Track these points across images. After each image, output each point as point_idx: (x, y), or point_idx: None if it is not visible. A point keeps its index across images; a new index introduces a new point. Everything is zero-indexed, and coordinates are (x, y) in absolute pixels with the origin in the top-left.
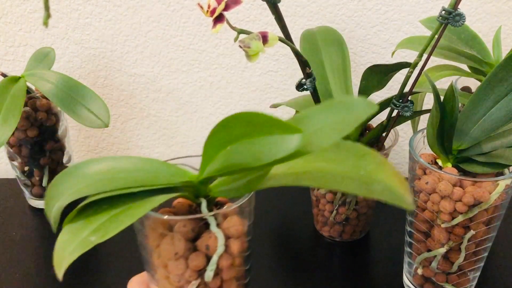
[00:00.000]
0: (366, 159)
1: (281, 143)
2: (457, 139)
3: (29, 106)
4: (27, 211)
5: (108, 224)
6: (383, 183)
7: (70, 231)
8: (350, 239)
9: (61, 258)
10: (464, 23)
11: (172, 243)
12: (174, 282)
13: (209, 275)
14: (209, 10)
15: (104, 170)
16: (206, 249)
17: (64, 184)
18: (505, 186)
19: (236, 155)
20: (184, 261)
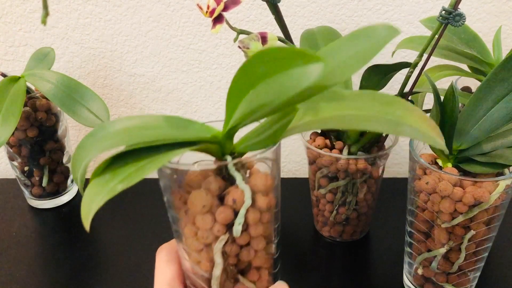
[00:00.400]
0: (394, 105)
1: (303, 74)
2: (457, 139)
3: (29, 106)
4: (27, 211)
5: (134, 173)
6: (412, 127)
7: (98, 183)
8: (350, 239)
9: (88, 209)
10: (464, 23)
11: (199, 196)
12: (202, 238)
13: (238, 230)
14: (208, 10)
15: (130, 127)
16: (233, 203)
17: (90, 144)
18: (505, 186)
19: (258, 96)
20: (211, 216)
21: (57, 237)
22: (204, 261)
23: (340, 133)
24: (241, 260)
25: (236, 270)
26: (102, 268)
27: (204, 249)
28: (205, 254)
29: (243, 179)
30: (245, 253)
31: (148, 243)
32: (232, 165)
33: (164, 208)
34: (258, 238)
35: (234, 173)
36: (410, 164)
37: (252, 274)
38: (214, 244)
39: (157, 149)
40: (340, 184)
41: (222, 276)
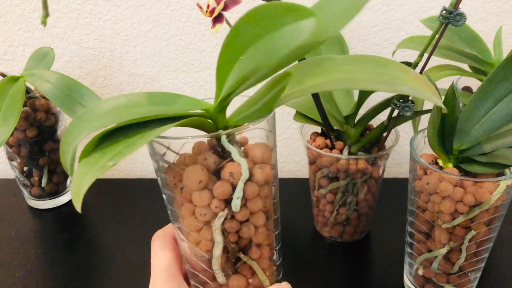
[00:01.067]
0: (389, 67)
1: (295, 30)
2: (458, 139)
3: (28, 106)
4: (26, 211)
5: (125, 149)
6: (409, 85)
7: (87, 163)
8: (351, 239)
9: (78, 188)
10: (465, 23)
11: (194, 171)
12: (200, 216)
13: (237, 204)
14: (208, 10)
15: (117, 106)
16: (230, 177)
17: (78, 126)
18: (506, 187)
19: (249, 61)
20: (208, 192)
21: (56, 237)
22: (204, 240)
23: (340, 133)
24: (242, 237)
25: (237, 248)
26: (101, 268)
27: (203, 228)
28: (204, 233)
29: (238, 152)
30: (245, 229)
31: (148, 244)
32: (226, 137)
33: (163, 208)
34: (258, 213)
35: (228, 147)
36: (411, 164)
37: (254, 251)
38: (213, 221)
39: (146, 125)
40: (340, 184)
41: (223, 255)
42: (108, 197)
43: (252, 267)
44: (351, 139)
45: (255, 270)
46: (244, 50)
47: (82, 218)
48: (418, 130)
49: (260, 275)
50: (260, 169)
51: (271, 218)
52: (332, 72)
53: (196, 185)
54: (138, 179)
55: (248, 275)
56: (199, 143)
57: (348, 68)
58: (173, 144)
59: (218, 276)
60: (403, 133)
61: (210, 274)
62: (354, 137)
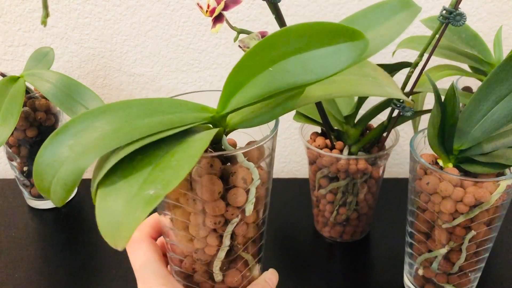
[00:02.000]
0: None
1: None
2: (458, 139)
3: (28, 106)
4: (26, 211)
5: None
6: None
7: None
8: (351, 239)
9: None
10: (465, 23)
11: (212, 182)
12: (213, 225)
13: (250, 209)
14: (208, 9)
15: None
16: (243, 183)
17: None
18: (506, 187)
19: (283, 74)
20: (222, 201)
21: (56, 238)
22: (210, 245)
23: (340, 133)
24: (247, 236)
25: (242, 248)
26: (101, 269)
27: (210, 233)
28: (212, 239)
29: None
30: (251, 229)
31: None
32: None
33: None
34: (261, 211)
35: (237, 154)
36: (411, 164)
37: (252, 246)
38: (224, 227)
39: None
40: (340, 184)
41: (227, 256)
42: None
43: (248, 261)
44: (351, 139)
45: (249, 261)
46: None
47: (82, 218)
48: (418, 130)
49: (252, 266)
50: (262, 171)
51: (264, 212)
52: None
53: (216, 196)
54: None
55: (243, 269)
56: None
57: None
58: None
59: (217, 275)
60: (403, 133)
61: (207, 275)
62: (354, 137)
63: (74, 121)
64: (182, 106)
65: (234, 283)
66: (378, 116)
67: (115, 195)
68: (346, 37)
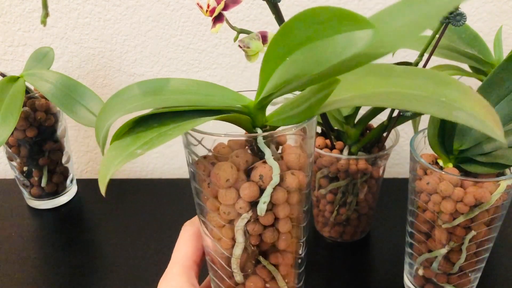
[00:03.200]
0: (450, 87)
1: (349, 40)
2: (458, 139)
3: (28, 106)
4: (26, 212)
5: (156, 138)
6: (468, 112)
7: (118, 146)
8: (351, 240)
9: (106, 171)
10: (465, 23)
11: (223, 169)
12: (224, 214)
13: (262, 208)
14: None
15: (156, 90)
16: (259, 179)
17: (115, 104)
18: (506, 187)
19: (296, 64)
20: (235, 191)
21: (56, 238)
22: (225, 238)
23: (340, 133)
24: (264, 241)
25: (258, 251)
26: (101, 269)
27: (226, 225)
28: (226, 231)
29: (273, 154)
30: (268, 234)
31: (147, 244)
32: (262, 138)
33: (164, 209)
34: (284, 219)
35: (263, 148)
36: (411, 164)
37: (275, 256)
38: (237, 221)
39: (182, 115)
40: (340, 184)
41: (243, 255)
42: (108, 197)
43: (271, 272)
44: (351, 139)
45: (274, 275)
46: (292, 51)
47: (82, 218)
48: (418, 130)
49: (279, 280)
50: (292, 175)
51: (298, 226)
52: (385, 84)
53: (223, 183)
54: (138, 179)
55: (267, 278)
56: (236, 141)
57: (404, 82)
58: (207, 138)
59: (236, 275)
60: (403, 133)
61: (228, 272)
62: (354, 137)
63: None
64: (221, 91)
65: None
66: (378, 116)
67: (116, 150)
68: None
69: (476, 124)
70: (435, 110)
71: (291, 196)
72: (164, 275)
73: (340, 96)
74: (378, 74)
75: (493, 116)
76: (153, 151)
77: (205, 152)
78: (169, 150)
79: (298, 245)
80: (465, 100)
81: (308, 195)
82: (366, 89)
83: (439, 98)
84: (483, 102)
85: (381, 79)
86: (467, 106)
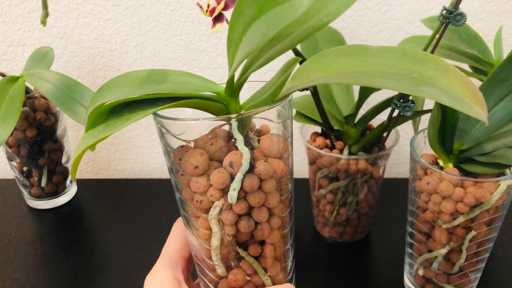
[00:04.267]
0: (427, 64)
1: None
2: (458, 139)
3: (28, 106)
4: (26, 212)
5: (115, 123)
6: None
7: (91, 134)
8: (351, 240)
9: (77, 151)
10: (465, 23)
11: (192, 155)
12: (197, 203)
13: (232, 195)
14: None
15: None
16: (230, 166)
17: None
18: (507, 187)
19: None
20: (206, 178)
21: (55, 238)
22: (202, 229)
23: (340, 133)
24: (240, 230)
25: (236, 242)
26: (101, 269)
27: (202, 216)
28: (202, 222)
29: (250, 142)
30: (243, 223)
31: (147, 244)
32: (236, 124)
33: (163, 209)
34: (259, 208)
35: (236, 134)
36: (411, 164)
37: (254, 248)
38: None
39: (154, 103)
40: (340, 184)
41: (222, 247)
42: (107, 197)
43: (251, 264)
44: (351, 139)
45: (255, 267)
46: (246, 30)
47: (82, 218)
48: (419, 130)
49: (260, 273)
50: (264, 162)
51: (278, 216)
52: (357, 64)
53: (192, 170)
54: (137, 179)
55: (249, 271)
56: (217, 128)
57: (376, 60)
58: (188, 129)
59: (218, 267)
60: (403, 133)
61: (210, 265)
62: (354, 137)
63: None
64: (196, 80)
65: (234, 283)
66: (378, 116)
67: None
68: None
69: (449, 101)
70: (401, 86)
71: (265, 184)
72: (151, 270)
73: (311, 76)
74: (351, 55)
75: (474, 93)
76: (153, 151)
77: (181, 143)
78: None
79: (280, 236)
80: (442, 77)
81: (287, 183)
82: (336, 69)
83: (410, 75)
84: (464, 80)
85: (354, 59)
86: (443, 82)
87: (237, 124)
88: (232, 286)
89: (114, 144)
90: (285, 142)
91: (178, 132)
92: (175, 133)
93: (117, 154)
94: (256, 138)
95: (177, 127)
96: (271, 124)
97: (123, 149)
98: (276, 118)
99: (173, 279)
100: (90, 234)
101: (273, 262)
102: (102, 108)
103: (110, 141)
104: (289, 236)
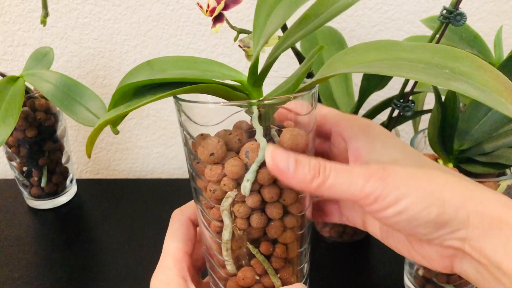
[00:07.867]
0: (461, 61)
1: None
2: (458, 139)
3: (28, 106)
4: (26, 212)
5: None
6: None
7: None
8: (351, 240)
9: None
10: (465, 23)
11: (208, 143)
12: (210, 193)
13: (246, 187)
14: (208, 9)
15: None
16: (246, 157)
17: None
18: (507, 187)
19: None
20: (221, 167)
21: (55, 238)
22: (213, 220)
23: None
24: (251, 225)
25: (247, 237)
26: (101, 269)
27: (214, 207)
28: (214, 213)
29: (272, 136)
30: (255, 217)
31: (147, 244)
32: (257, 116)
33: (163, 209)
34: (273, 204)
35: (256, 125)
36: None
37: (265, 246)
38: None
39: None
40: None
41: (234, 242)
42: (107, 197)
43: (262, 263)
44: None
45: (265, 266)
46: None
47: (82, 218)
48: (418, 130)
49: (270, 274)
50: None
51: (293, 214)
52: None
53: (207, 157)
54: (138, 179)
55: (259, 271)
56: (241, 121)
57: (408, 55)
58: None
59: (228, 264)
60: (403, 133)
61: (221, 261)
62: None
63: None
64: (222, 69)
65: (242, 281)
66: (378, 116)
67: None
68: None
69: (481, 97)
70: (429, 78)
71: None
72: (156, 269)
73: (344, 60)
74: (381, 49)
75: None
76: (153, 151)
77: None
78: (169, 150)
79: (294, 237)
80: (477, 74)
81: None
82: (364, 62)
83: (441, 70)
84: (502, 78)
85: (384, 52)
86: (477, 79)
87: (257, 114)
88: (241, 285)
89: (114, 144)
90: (306, 137)
91: (199, 120)
92: (195, 120)
93: (117, 154)
94: (276, 131)
95: (197, 114)
96: (293, 117)
97: (123, 149)
98: (299, 109)
99: (179, 278)
100: (90, 234)
101: (284, 264)
102: (125, 88)
103: (110, 141)
104: (305, 238)
